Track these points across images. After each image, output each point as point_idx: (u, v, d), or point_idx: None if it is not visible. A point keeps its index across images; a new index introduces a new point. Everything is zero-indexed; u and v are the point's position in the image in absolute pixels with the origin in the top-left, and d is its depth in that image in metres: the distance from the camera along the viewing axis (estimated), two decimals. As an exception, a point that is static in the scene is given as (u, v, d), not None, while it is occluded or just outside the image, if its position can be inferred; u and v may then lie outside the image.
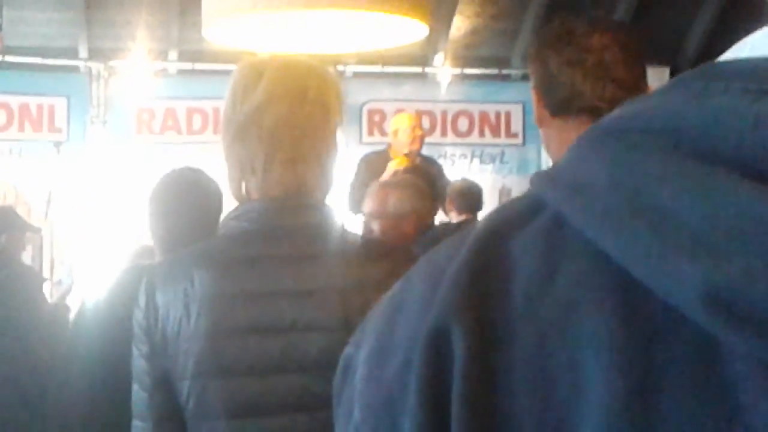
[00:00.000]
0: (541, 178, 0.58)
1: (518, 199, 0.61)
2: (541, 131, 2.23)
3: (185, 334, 1.92)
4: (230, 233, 2.04)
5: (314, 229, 1.99)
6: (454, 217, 6.59)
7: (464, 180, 7.12)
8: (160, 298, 1.96)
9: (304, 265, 1.94)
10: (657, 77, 10.27)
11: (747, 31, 0.58)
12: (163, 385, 1.96)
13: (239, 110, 2.01)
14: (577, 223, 0.54)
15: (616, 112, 0.57)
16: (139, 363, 1.99)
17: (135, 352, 1.99)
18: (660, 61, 10.20)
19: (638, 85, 2.14)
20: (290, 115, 2.00)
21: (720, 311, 0.48)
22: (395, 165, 7.09)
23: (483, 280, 0.56)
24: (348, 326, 1.85)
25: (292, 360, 1.91)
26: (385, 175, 7.02)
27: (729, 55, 0.57)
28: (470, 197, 6.67)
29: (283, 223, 1.98)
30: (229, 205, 2.23)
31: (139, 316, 1.98)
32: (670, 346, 0.51)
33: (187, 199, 3.20)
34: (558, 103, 2.13)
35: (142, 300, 1.98)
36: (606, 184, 0.52)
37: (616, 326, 0.52)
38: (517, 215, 0.59)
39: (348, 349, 0.64)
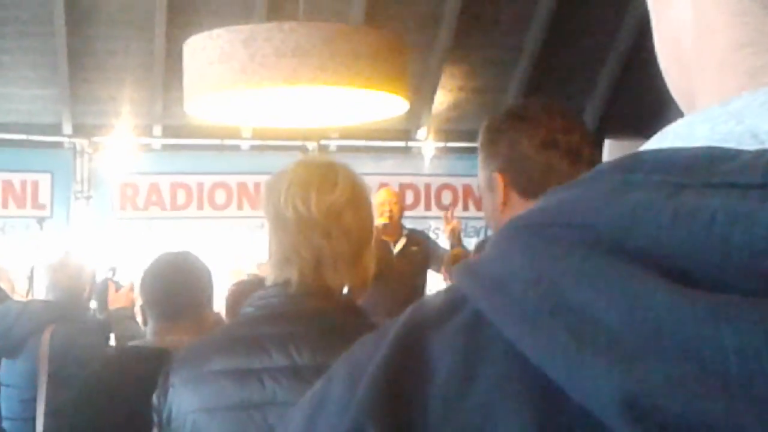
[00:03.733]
0: (463, 271, 0.56)
1: (440, 293, 0.59)
2: (499, 217, 2.17)
3: (186, 408, 2.14)
4: (241, 318, 2.25)
5: (317, 313, 2.15)
6: None
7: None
8: (171, 379, 2.19)
9: (291, 344, 2.09)
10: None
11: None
12: None
13: (315, 208, 2.16)
14: (495, 322, 0.51)
15: (538, 203, 0.55)
16: None
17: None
18: (644, 134, 10.27)
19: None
20: (366, 219, 2.22)
21: (638, 420, 0.45)
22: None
23: (401, 382, 0.54)
24: None
25: None
26: None
27: (651, 144, 0.56)
28: None
29: (287, 308, 2.15)
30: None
31: (154, 398, 2.23)
32: None
33: (179, 288, 3.28)
34: (531, 185, 2.12)
35: (160, 382, 2.22)
36: (525, 281, 0.50)
37: None
38: (438, 311, 0.57)
39: None
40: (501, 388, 0.51)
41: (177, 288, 3.26)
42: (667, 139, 0.55)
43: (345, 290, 2.25)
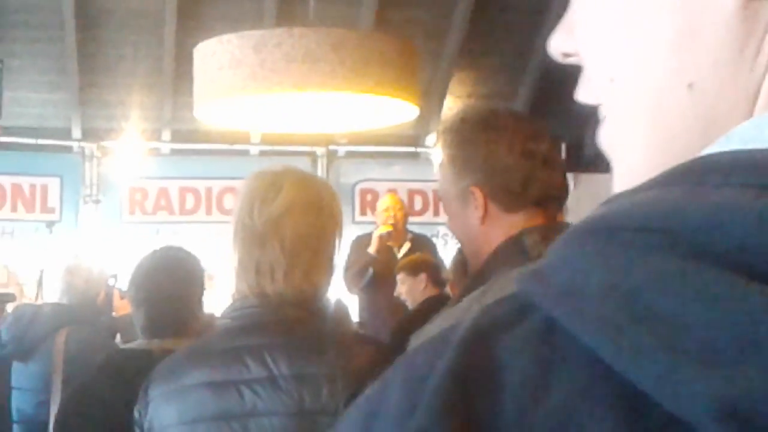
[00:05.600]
0: (528, 277, 0.55)
1: (504, 299, 0.57)
2: (476, 230, 2.09)
3: (166, 422, 2.17)
4: (217, 329, 2.27)
5: (293, 323, 2.16)
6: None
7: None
8: (151, 393, 2.22)
9: (267, 354, 2.12)
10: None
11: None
12: None
13: (257, 219, 2.18)
14: (571, 328, 0.50)
15: (601, 209, 0.54)
16: None
17: None
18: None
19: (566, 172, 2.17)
20: (308, 228, 2.20)
21: (737, 427, 0.44)
22: (378, 232, 7.43)
23: (470, 387, 0.53)
24: (302, 411, 2.07)
25: None
26: (373, 245, 7.24)
27: (715, 147, 0.54)
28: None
29: (262, 319, 2.17)
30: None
31: (135, 412, 2.26)
32: None
33: (167, 284, 3.17)
34: (511, 196, 2.06)
35: (140, 396, 2.25)
36: (600, 286, 0.49)
37: None
38: (505, 317, 0.55)
39: None
40: (581, 394, 0.50)
41: (162, 305, 3.14)
42: (732, 141, 0.54)
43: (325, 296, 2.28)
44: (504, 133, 2.08)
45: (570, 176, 2.33)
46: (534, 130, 2.12)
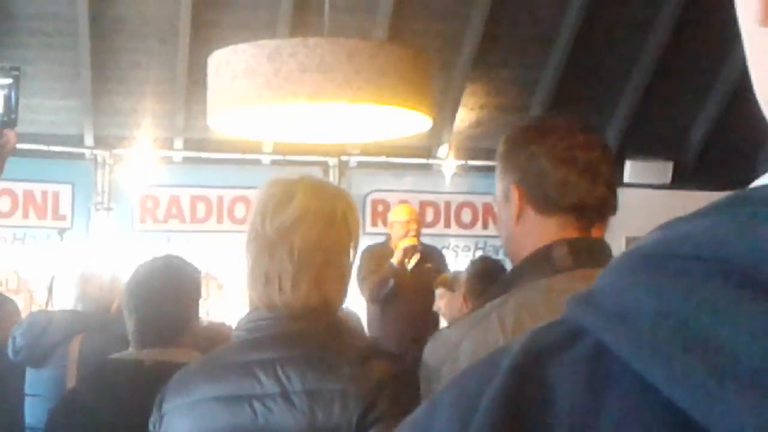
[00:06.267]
0: (578, 302, 0.55)
1: (554, 324, 0.58)
2: (512, 229, 2.13)
3: None
4: (231, 342, 2.26)
5: (305, 336, 2.14)
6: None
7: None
8: (165, 407, 2.22)
9: (280, 369, 2.10)
10: (661, 171, 10.29)
11: (751, 125, 0.55)
12: None
13: (269, 227, 2.15)
14: (622, 354, 0.51)
15: (655, 235, 0.54)
16: None
17: None
18: (665, 156, 10.23)
19: (615, 186, 2.16)
20: (319, 237, 2.16)
21: None
22: (402, 244, 7.35)
23: (520, 411, 0.53)
24: (314, 428, 2.04)
25: None
26: (396, 256, 7.20)
27: (766, 179, 0.55)
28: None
29: (275, 332, 2.15)
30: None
31: (150, 425, 2.26)
32: None
33: (160, 292, 3.14)
34: (547, 200, 2.09)
35: (155, 408, 2.25)
36: (652, 313, 0.50)
37: None
38: (554, 342, 0.56)
39: None
40: (631, 420, 0.50)
41: (154, 313, 3.11)
42: None
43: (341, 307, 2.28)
44: (549, 137, 2.12)
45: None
46: (585, 140, 2.13)
